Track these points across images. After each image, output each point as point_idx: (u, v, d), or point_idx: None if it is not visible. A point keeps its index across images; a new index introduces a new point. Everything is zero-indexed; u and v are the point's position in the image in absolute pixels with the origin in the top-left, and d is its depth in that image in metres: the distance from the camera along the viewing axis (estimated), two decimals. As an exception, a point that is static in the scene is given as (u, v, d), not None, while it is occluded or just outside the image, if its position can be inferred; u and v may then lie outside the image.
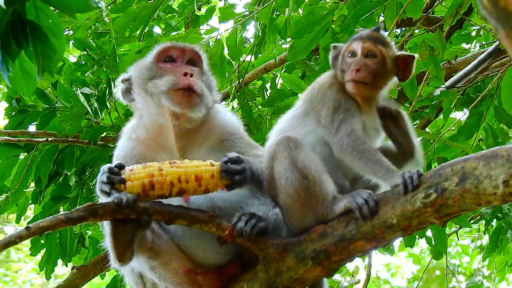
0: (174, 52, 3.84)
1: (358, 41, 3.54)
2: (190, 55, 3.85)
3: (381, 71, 3.50)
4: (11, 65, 2.96)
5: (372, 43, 3.51)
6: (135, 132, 3.82)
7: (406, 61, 3.58)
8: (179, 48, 3.86)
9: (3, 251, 3.77)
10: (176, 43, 3.90)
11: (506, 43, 2.07)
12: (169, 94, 3.67)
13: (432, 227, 5.95)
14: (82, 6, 2.91)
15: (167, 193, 3.37)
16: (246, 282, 3.50)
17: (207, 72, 3.94)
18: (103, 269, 6.09)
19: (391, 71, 3.55)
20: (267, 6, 5.76)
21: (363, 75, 3.45)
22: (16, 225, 7.72)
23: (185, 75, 3.70)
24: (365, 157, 3.26)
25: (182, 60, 3.82)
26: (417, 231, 3.27)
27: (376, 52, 3.50)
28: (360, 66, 3.46)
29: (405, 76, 3.60)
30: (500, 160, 2.93)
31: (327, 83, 3.55)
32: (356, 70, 3.45)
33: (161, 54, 3.84)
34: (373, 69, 3.48)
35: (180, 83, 3.68)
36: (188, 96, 3.66)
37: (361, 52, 3.50)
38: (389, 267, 14.75)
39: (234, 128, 3.86)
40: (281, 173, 3.34)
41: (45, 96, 6.00)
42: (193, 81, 3.70)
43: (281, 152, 3.34)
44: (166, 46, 3.87)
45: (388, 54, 3.53)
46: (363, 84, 3.46)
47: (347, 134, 3.33)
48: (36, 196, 6.10)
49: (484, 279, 10.91)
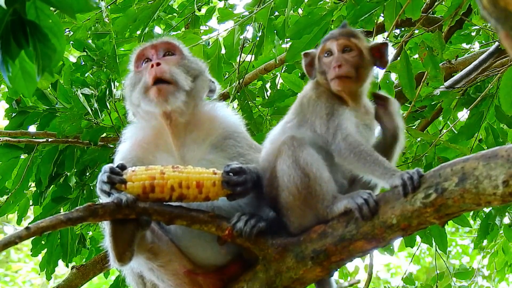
0: (148, 52, 3.82)
1: (331, 40, 3.56)
2: (164, 47, 3.83)
3: (361, 62, 3.52)
4: (11, 65, 2.96)
5: (346, 38, 3.54)
6: (132, 136, 3.82)
7: (380, 50, 3.60)
8: (150, 45, 3.84)
9: (3, 251, 3.77)
10: (148, 42, 3.89)
11: (506, 43, 2.07)
12: (145, 98, 3.67)
13: (432, 227, 5.95)
14: (82, 6, 2.91)
15: (167, 197, 3.37)
16: (246, 282, 3.50)
17: (188, 57, 3.88)
18: (103, 269, 6.09)
19: (369, 61, 3.58)
20: (265, 7, 5.76)
21: (346, 69, 3.47)
22: (16, 225, 7.72)
23: (151, 68, 3.67)
24: (363, 158, 3.27)
25: (157, 56, 3.79)
26: (417, 231, 3.27)
27: (352, 46, 3.53)
28: (341, 61, 3.48)
29: (383, 63, 3.61)
30: (500, 160, 2.93)
31: (315, 95, 3.57)
32: (338, 66, 3.47)
33: (138, 59, 3.85)
34: (353, 62, 3.50)
35: (147, 80, 3.66)
36: (158, 90, 3.62)
37: (337, 49, 3.52)
38: (389, 267, 14.76)
39: (237, 126, 3.85)
40: (284, 171, 3.36)
41: (45, 97, 6.00)
42: (159, 69, 3.65)
43: (285, 150, 3.37)
44: (139, 49, 3.87)
45: (364, 46, 3.56)
46: (347, 78, 3.48)
47: (343, 138, 3.35)
48: (37, 197, 6.10)
49: (484, 279, 10.92)
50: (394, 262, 14.67)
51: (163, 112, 3.69)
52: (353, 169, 3.36)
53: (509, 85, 5.28)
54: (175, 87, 3.66)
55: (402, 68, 5.19)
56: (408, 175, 3.12)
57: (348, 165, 3.35)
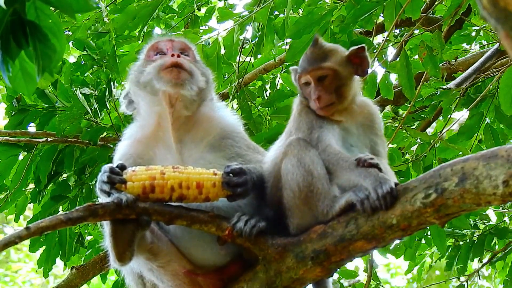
0: (163, 45, 3.84)
1: (304, 73, 3.54)
2: (180, 46, 3.86)
3: (339, 82, 3.52)
4: (11, 65, 2.96)
5: (317, 67, 3.51)
6: (132, 133, 3.82)
7: (358, 55, 3.57)
8: (167, 40, 3.88)
9: (3, 251, 3.77)
10: (164, 37, 3.92)
11: (506, 44, 2.07)
12: (158, 75, 3.66)
13: (432, 227, 5.95)
14: (82, 6, 2.91)
15: (167, 197, 3.37)
16: (246, 283, 3.50)
17: (200, 62, 3.92)
18: (103, 269, 6.08)
19: (348, 74, 3.56)
20: (265, 7, 5.76)
21: (326, 100, 3.49)
22: (16, 224, 7.72)
23: (172, 56, 3.71)
24: (339, 166, 3.32)
25: (172, 51, 3.81)
26: (417, 231, 3.27)
27: (325, 72, 3.51)
28: (319, 93, 3.49)
29: (364, 69, 3.59)
30: (500, 160, 2.93)
31: (298, 110, 3.61)
32: (317, 99, 3.49)
33: (151, 50, 3.86)
34: (331, 88, 3.51)
35: (167, 62, 3.68)
36: (176, 72, 3.65)
37: (312, 81, 3.53)
38: (389, 267, 14.75)
39: (235, 126, 3.86)
40: (288, 169, 3.38)
41: (45, 96, 5.99)
42: (180, 59, 3.70)
43: (291, 150, 3.41)
44: (154, 41, 3.90)
45: (337, 63, 3.53)
46: (330, 105, 3.50)
47: (323, 150, 3.39)
48: (36, 195, 6.09)
49: (484, 279, 10.91)
50: (394, 262, 14.67)
51: (171, 95, 3.67)
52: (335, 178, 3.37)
53: (509, 85, 5.28)
54: (192, 78, 3.70)
55: (402, 68, 5.19)
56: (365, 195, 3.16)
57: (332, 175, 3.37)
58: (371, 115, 3.65)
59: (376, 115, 3.67)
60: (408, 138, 6.03)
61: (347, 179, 3.30)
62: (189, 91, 3.66)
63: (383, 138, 3.67)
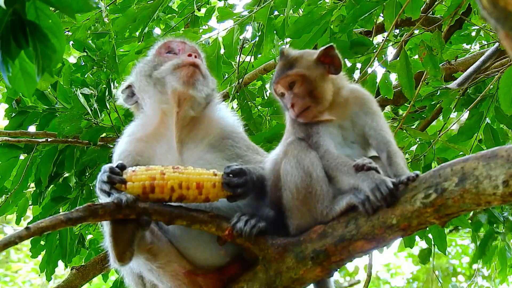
0: (175, 45, 3.90)
1: (274, 85, 3.59)
2: (191, 49, 3.91)
3: (311, 85, 3.53)
4: (11, 65, 2.96)
5: (284, 76, 3.54)
6: (132, 130, 3.83)
7: (327, 55, 3.58)
8: (180, 40, 3.94)
9: (3, 251, 3.76)
10: (177, 37, 3.97)
11: (506, 44, 2.07)
12: (174, 72, 3.72)
13: (432, 227, 5.95)
14: (82, 6, 2.91)
15: (167, 197, 3.38)
16: (246, 283, 3.50)
17: (207, 70, 3.96)
18: (103, 269, 6.08)
19: (319, 75, 3.56)
20: (265, 6, 5.76)
21: (300, 106, 3.50)
22: (16, 226, 7.71)
23: (189, 56, 3.78)
24: (338, 171, 3.32)
25: (184, 52, 3.85)
26: (417, 231, 3.27)
27: (292, 78, 3.53)
28: (292, 101, 3.51)
29: (337, 67, 3.59)
30: (500, 160, 2.93)
31: (290, 123, 3.63)
32: (291, 107, 3.51)
33: (163, 47, 3.90)
34: (304, 92, 3.52)
35: (185, 61, 3.75)
36: (193, 70, 3.71)
37: (284, 89, 3.55)
38: (389, 267, 14.76)
39: (235, 127, 3.87)
40: (288, 170, 3.39)
41: (45, 97, 5.99)
42: (197, 60, 3.78)
43: (291, 151, 3.41)
44: (167, 40, 3.95)
45: (304, 67, 3.54)
46: (307, 110, 3.51)
47: (322, 156, 3.40)
48: (36, 197, 6.09)
49: (484, 279, 10.92)
50: (394, 262, 14.68)
51: (180, 94, 3.70)
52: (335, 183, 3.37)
53: (509, 85, 5.29)
54: (205, 80, 3.77)
55: (402, 68, 5.20)
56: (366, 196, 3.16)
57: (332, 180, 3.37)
58: (361, 99, 3.61)
59: (366, 97, 3.63)
60: (408, 138, 6.02)
61: (347, 184, 3.30)
62: (199, 93, 3.71)
63: (382, 118, 3.61)
